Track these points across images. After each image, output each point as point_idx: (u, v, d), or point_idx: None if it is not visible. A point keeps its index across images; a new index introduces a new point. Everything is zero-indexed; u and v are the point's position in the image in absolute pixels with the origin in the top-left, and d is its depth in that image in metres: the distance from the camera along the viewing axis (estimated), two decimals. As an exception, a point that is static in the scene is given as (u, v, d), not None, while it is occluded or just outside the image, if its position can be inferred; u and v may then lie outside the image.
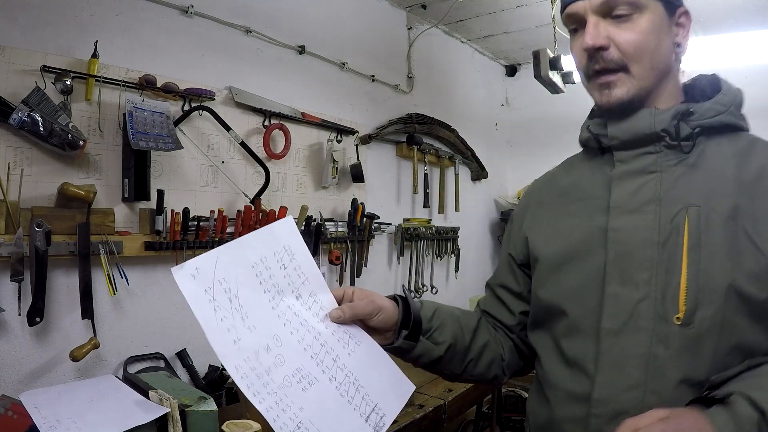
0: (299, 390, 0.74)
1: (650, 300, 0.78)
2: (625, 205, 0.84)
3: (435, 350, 0.94)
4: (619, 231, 0.83)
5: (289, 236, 0.83)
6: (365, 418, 0.78)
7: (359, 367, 0.82)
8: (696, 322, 0.76)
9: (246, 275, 0.76)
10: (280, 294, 0.79)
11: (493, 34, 3.67)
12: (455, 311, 1.02)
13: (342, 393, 0.78)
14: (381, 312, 0.88)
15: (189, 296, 0.71)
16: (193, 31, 2.04)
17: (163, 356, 1.90)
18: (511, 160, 4.46)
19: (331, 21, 2.68)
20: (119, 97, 1.76)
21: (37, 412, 1.23)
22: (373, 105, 2.95)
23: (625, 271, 0.81)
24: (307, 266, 0.84)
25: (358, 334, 0.85)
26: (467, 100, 3.85)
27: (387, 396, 0.83)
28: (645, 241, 0.80)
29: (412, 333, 0.91)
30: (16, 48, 1.56)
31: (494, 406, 2.53)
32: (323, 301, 0.84)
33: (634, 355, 0.79)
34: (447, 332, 0.96)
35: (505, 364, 1.04)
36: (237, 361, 0.71)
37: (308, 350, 0.78)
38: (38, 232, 1.50)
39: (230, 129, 2.04)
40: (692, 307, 0.76)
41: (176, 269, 0.72)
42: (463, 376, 1.01)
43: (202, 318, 0.70)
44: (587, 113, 0.98)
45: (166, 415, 1.30)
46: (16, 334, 1.56)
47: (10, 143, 1.55)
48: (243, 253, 0.77)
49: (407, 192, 3.20)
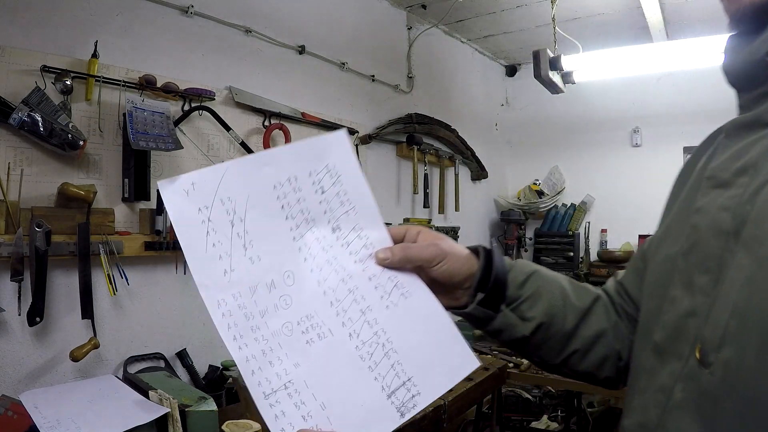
0: (302, 342, 0.60)
1: (698, 317, 0.55)
2: (719, 174, 0.60)
3: (519, 327, 0.71)
4: (701, 212, 0.60)
5: (339, 154, 0.64)
6: (388, 393, 0.60)
7: (398, 325, 0.63)
8: (717, 364, 0.50)
9: (262, 196, 0.61)
10: (309, 223, 0.63)
11: (493, 34, 3.67)
12: (561, 281, 0.76)
13: (362, 355, 0.61)
14: (446, 260, 0.66)
15: (174, 215, 0.58)
16: (193, 31, 2.04)
17: (163, 356, 1.90)
18: (511, 160, 4.47)
19: (331, 21, 2.68)
20: (119, 97, 1.76)
21: (37, 412, 1.23)
22: (373, 105, 2.95)
23: (692, 268, 0.58)
24: (358, 193, 0.65)
25: (410, 284, 0.65)
26: (467, 100, 3.86)
27: (430, 369, 0.63)
28: (715, 229, 0.57)
29: (491, 298, 0.69)
30: (16, 48, 1.56)
31: (494, 406, 2.53)
32: (371, 237, 0.65)
33: (660, 387, 0.58)
34: (541, 306, 0.71)
35: (623, 364, 0.74)
36: (222, 295, 0.58)
37: (328, 294, 0.62)
38: (38, 232, 1.50)
39: (230, 129, 2.04)
40: (717, 341, 0.51)
41: (165, 183, 0.58)
42: (564, 370, 0.77)
43: (185, 240, 0.58)
44: (587, 113, 0.88)
45: (166, 415, 1.30)
46: (16, 334, 1.56)
47: (10, 143, 1.55)
48: (263, 170, 0.61)
49: (407, 192, 3.20)
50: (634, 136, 3.94)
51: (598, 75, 2.85)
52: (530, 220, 4.24)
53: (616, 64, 2.67)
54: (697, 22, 3.19)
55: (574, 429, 2.82)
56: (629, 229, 3.86)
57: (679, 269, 0.60)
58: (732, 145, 0.60)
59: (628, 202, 3.92)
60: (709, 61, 2.54)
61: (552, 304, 0.72)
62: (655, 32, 3.26)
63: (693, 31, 3.20)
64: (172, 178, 0.58)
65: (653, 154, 3.87)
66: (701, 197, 0.61)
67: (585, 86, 3.17)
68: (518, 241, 4.05)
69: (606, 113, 3.94)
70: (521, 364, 2.61)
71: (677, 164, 2.73)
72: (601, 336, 0.74)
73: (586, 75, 2.80)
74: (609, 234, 4.01)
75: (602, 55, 2.63)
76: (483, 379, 2.19)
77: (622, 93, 3.81)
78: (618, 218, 3.96)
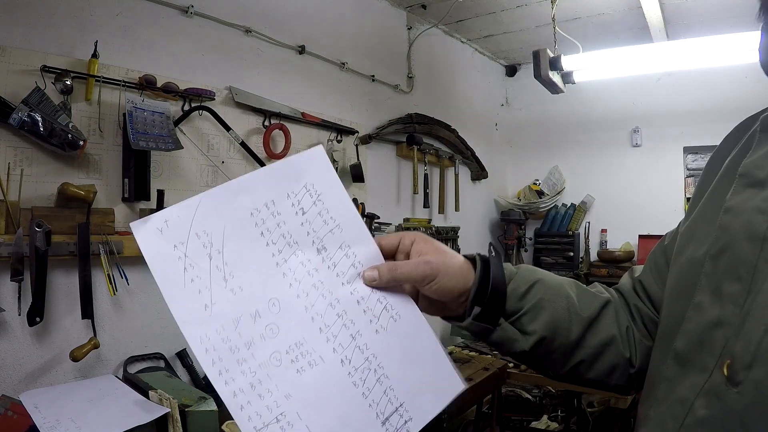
0: (292, 372, 0.57)
1: (727, 329, 0.50)
2: (754, 172, 0.55)
3: (519, 342, 0.67)
4: (732, 212, 0.55)
5: (316, 171, 0.62)
6: (383, 420, 0.59)
7: (389, 350, 0.61)
8: (747, 384, 0.47)
9: (239, 225, 0.59)
10: (292, 246, 0.61)
11: (493, 34, 3.67)
12: (566, 289, 0.71)
13: (355, 382, 0.59)
14: (438, 278, 0.63)
15: (149, 255, 0.56)
16: (193, 31, 2.04)
17: (163, 356, 1.90)
18: (511, 160, 4.47)
19: (331, 21, 2.68)
20: (119, 97, 1.76)
21: (37, 412, 1.23)
22: (373, 105, 2.95)
23: (722, 274, 0.54)
24: (341, 210, 0.63)
25: (400, 305, 0.63)
26: (467, 100, 3.86)
27: (421, 394, 0.62)
28: (749, 232, 0.52)
29: (489, 311, 0.66)
30: (16, 48, 1.56)
31: (494, 406, 2.53)
32: (359, 255, 0.63)
33: (679, 399, 0.53)
34: (542, 319, 0.67)
35: (636, 372, 0.70)
36: (204, 331, 0.56)
37: (317, 320, 0.60)
38: (38, 232, 1.50)
39: (230, 129, 2.04)
40: (749, 358, 0.47)
41: (137, 223, 0.56)
42: (571, 379, 0.74)
43: (161, 277, 0.56)
44: (587, 113, 0.90)
45: (166, 415, 1.30)
46: (16, 334, 1.56)
47: (10, 143, 1.55)
48: (238, 198, 0.59)
49: (407, 192, 3.20)
50: (634, 136, 3.93)
51: (598, 75, 2.85)
52: (530, 220, 4.24)
53: (616, 64, 2.67)
54: (697, 22, 3.19)
55: (574, 429, 2.81)
56: (629, 229, 3.86)
57: (707, 273, 0.55)
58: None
59: (628, 202, 3.92)
60: (709, 61, 2.54)
61: (555, 317, 0.68)
62: (655, 32, 3.26)
63: (693, 31, 3.20)
64: (144, 218, 0.57)
65: (653, 154, 3.87)
66: (733, 196, 0.56)
67: (585, 86, 3.17)
68: (518, 241, 4.05)
69: (606, 113, 3.95)
70: (521, 364, 2.61)
71: (677, 164, 2.75)
72: (609, 344, 0.70)
73: (586, 75, 2.80)
74: (609, 234, 4.01)
75: (602, 55, 2.63)
76: (483, 379, 2.18)
77: (622, 93, 3.81)
78: (618, 218, 3.96)
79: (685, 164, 3.81)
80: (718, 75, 3.26)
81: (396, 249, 0.65)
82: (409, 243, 0.65)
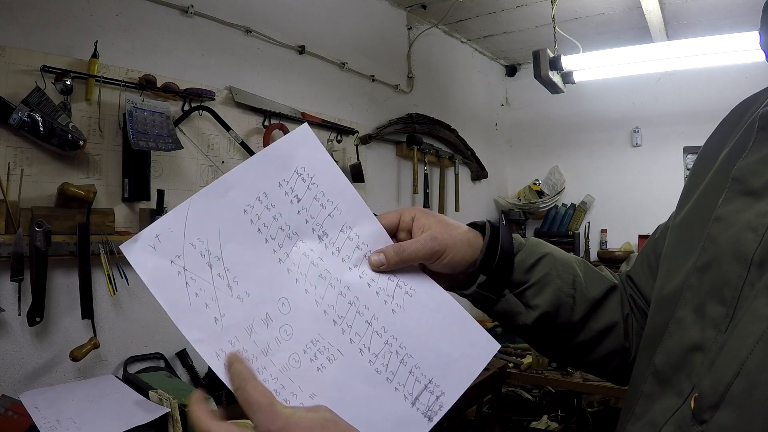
0: (312, 370, 0.55)
1: (704, 355, 0.47)
2: (749, 179, 0.51)
3: (522, 315, 0.65)
4: (722, 221, 0.51)
5: (305, 152, 0.59)
6: (411, 401, 0.56)
7: (409, 327, 0.59)
8: (712, 425, 0.43)
9: (234, 225, 0.56)
10: (292, 238, 0.58)
11: (493, 34, 3.67)
12: (574, 266, 0.68)
13: (378, 368, 0.57)
14: (446, 253, 0.61)
15: (146, 277, 0.54)
16: (193, 31, 2.04)
17: (163, 356, 1.90)
18: (511, 160, 4.47)
19: (331, 21, 2.68)
20: (119, 97, 1.76)
21: (37, 412, 1.23)
22: (373, 105, 2.95)
23: (706, 291, 0.50)
24: (337, 189, 0.60)
25: (412, 279, 0.61)
26: (467, 100, 3.86)
27: (449, 365, 0.58)
28: (737, 250, 0.48)
29: (494, 281, 0.63)
30: (16, 48, 1.56)
31: (494, 406, 2.53)
32: (363, 235, 0.60)
33: (651, 421, 0.50)
34: (547, 294, 0.65)
35: (631, 363, 0.66)
36: (219, 345, 0.54)
37: (330, 313, 0.57)
38: (38, 232, 1.50)
39: (230, 129, 2.04)
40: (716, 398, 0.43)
41: (127, 245, 0.54)
42: (571, 361, 0.72)
43: (165, 298, 0.54)
44: (587, 113, 0.86)
45: (166, 415, 1.30)
46: (16, 334, 1.56)
47: (10, 143, 1.55)
48: (228, 196, 0.57)
49: (407, 192, 3.20)
50: (634, 136, 3.94)
51: (598, 75, 2.85)
52: (530, 220, 4.24)
53: (616, 64, 2.67)
54: (697, 22, 3.20)
55: (574, 429, 2.82)
56: (629, 229, 3.86)
57: (691, 286, 0.52)
58: (765, 147, 0.51)
59: (628, 202, 3.92)
60: (709, 61, 2.54)
61: (560, 293, 0.66)
62: (655, 32, 3.26)
63: (693, 31, 3.20)
64: (134, 237, 0.54)
65: (653, 154, 3.87)
66: (724, 203, 0.52)
67: (585, 86, 3.17)
68: (518, 241, 4.05)
69: (606, 113, 3.95)
70: (521, 364, 2.61)
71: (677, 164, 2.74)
72: (611, 330, 0.68)
73: (586, 75, 2.80)
74: (609, 234, 4.01)
75: (602, 55, 2.63)
76: (483, 379, 2.19)
77: (622, 93, 3.81)
78: (618, 218, 3.96)
79: (685, 164, 3.81)
80: (718, 75, 3.26)
81: (397, 227, 0.63)
82: (409, 219, 0.62)
